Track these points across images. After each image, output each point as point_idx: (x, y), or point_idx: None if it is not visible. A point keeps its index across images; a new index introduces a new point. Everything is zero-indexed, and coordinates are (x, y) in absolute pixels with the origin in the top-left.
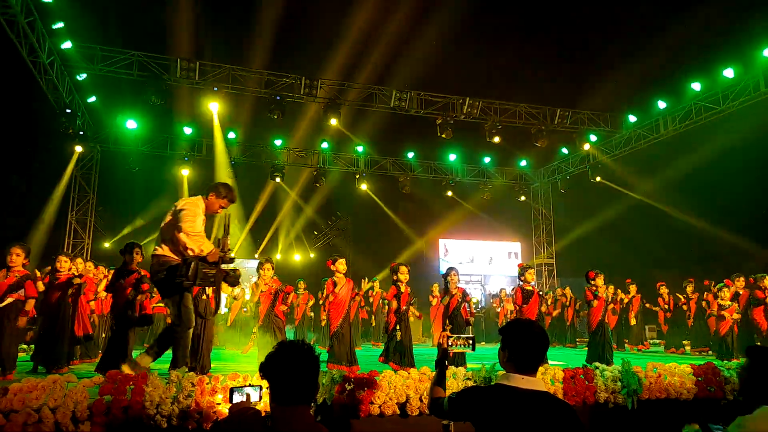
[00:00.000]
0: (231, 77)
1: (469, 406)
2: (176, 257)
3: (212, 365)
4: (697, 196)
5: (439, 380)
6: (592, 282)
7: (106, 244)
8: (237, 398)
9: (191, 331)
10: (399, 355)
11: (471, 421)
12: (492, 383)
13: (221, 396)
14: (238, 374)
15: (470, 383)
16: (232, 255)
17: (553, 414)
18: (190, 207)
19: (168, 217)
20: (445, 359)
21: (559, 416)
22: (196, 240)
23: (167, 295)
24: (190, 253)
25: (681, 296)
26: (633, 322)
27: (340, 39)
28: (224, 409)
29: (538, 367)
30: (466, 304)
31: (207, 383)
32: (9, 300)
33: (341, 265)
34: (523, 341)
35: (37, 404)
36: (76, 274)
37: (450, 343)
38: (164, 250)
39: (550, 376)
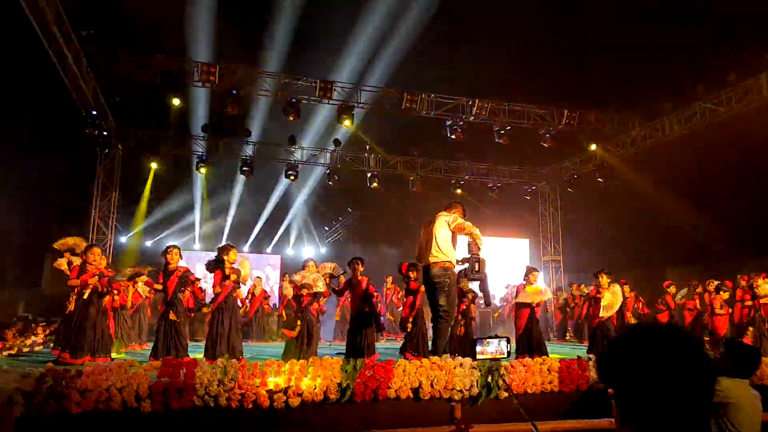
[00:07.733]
0: (249, 80)
1: None
2: (453, 261)
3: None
4: (702, 196)
5: None
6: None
7: (122, 239)
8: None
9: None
10: (417, 345)
11: None
12: (499, 373)
13: (259, 380)
14: (274, 361)
15: (476, 372)
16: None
17: None
18: (460, 218)
19: (438, 230)
20: None
21: None
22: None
23: (441, 294)
24: (481, 250)
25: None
26: (632, 321)
27: (354, 43)
28: (262, 391)
29: None
30: None
31: (248, 368)
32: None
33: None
34: None
35: (107, 384)
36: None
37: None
38: (444, 257)
39: (546, 366)
